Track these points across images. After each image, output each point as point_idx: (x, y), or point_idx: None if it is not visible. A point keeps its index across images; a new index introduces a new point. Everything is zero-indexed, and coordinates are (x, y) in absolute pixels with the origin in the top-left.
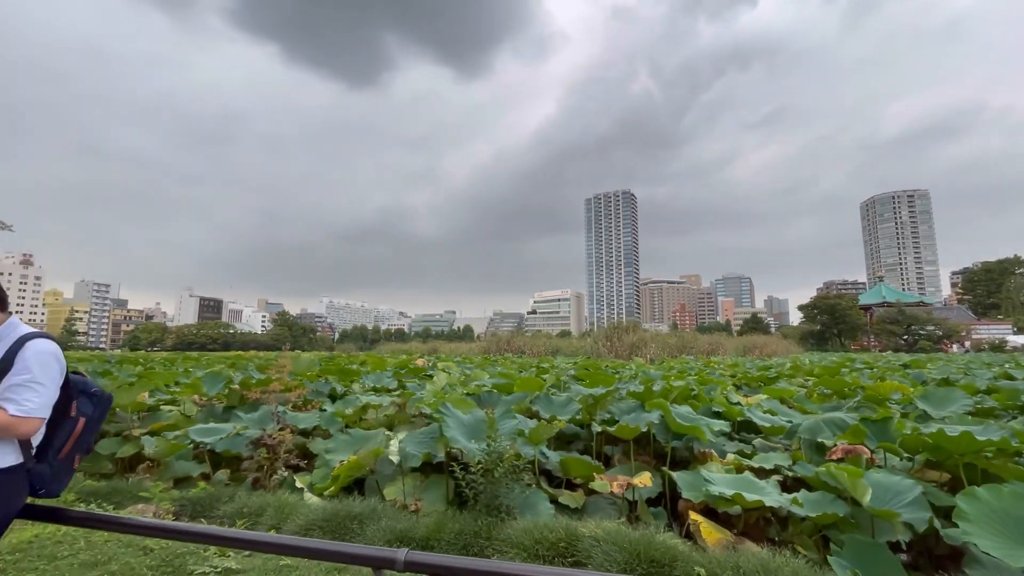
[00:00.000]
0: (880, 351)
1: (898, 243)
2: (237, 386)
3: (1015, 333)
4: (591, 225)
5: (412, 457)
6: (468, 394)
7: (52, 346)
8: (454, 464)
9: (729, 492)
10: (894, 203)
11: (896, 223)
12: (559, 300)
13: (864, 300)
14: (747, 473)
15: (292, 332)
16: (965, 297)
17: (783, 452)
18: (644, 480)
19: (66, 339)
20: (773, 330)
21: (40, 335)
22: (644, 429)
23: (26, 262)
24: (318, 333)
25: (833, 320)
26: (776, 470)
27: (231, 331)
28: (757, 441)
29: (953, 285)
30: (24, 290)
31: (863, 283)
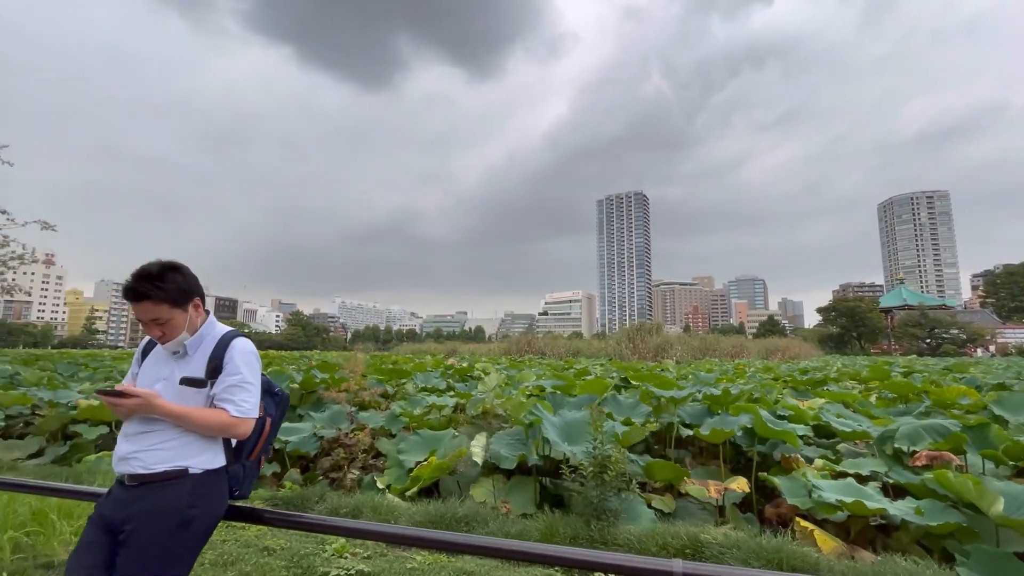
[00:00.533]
0: (902, 355)
1: (917, 245)
2: (297, 385)
3: None
4: (603, 226)
5: (505, 459)
6: (529, 395)
7: (252, 345)
8: (546, 466)
9: (848, 499)
10: (913, 204)
11: (915, 224)
12: (571, 301)
13: (884, 303)
14: (851, 479)
15: (306, 332)
16: (988, 300)
17: (872, 458)
18: (740, 485)
19: (86, 338)
20: (788, 333)
21: (239, 334)
22: (738, 433)
23: (48, 262)
24: (331, 333)
25: (853, 323)
26: (873, 476)
27: (246, 330)
28: (843, 446)
29: (974, 288)
30: (46, 289)
31: (880, 285)
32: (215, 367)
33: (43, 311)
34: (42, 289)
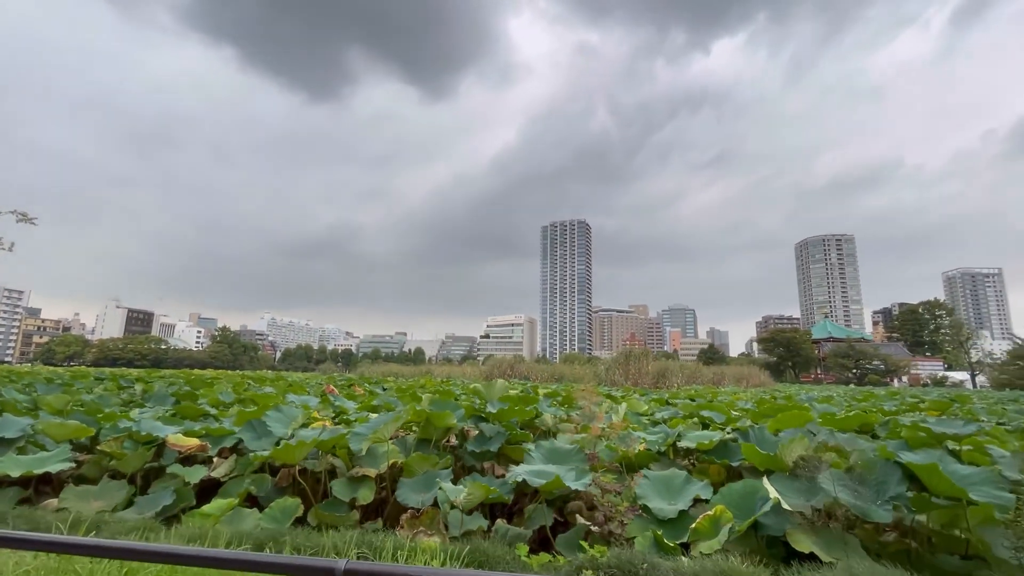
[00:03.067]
0: (831, 383)
1: (828, 282)
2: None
3: (946, 369)
4: (546, 252)
5: (872, 511)
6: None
7: None
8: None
9: None
10: (825, 245)
11: (826, 264)
12: (512, 325)
13: (816, 335)
14: None
15: (232, 349)
16: (893, 335)
17: None
18: None
19: None
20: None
21: None
22: None
23: None
24: (259, 352)
25: (789, 353)
26: None
27: (163, 347)
28: None
29: (875, 324)
30: None
31: (798, 318)
32: None
33: None
34: None
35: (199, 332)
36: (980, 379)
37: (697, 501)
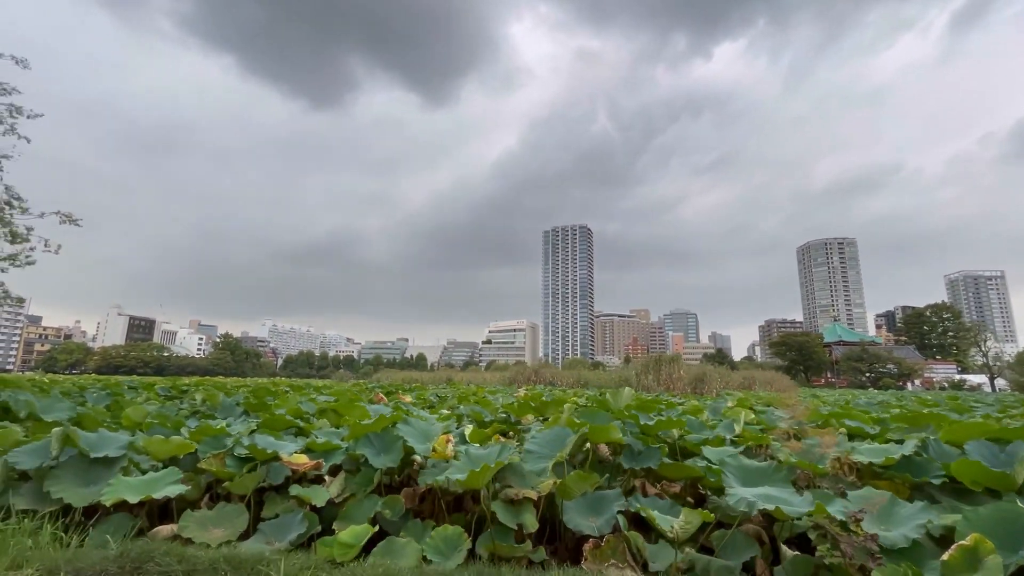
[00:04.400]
0: (844, 387)
1: (830, 286)
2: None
3: (959, 372)
4: (548, 257)
5: None
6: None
7: None
8: None
9: None
10: (827, 249)
11: (829, 267)
12: (515, 331)
13: (827, 339)
14: None
15: (234, 356)
16: (900, 338)
17: None
18: None
19: None
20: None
21: None
22: None
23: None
24: (261, 359)
25: (801, 357)
26: None
27: (166, 354)
28: None
29: (878, 327)
30: None
31: (800, 322)
32: None
33: None
34: None
35: (200, 339)
36: (999, 382)
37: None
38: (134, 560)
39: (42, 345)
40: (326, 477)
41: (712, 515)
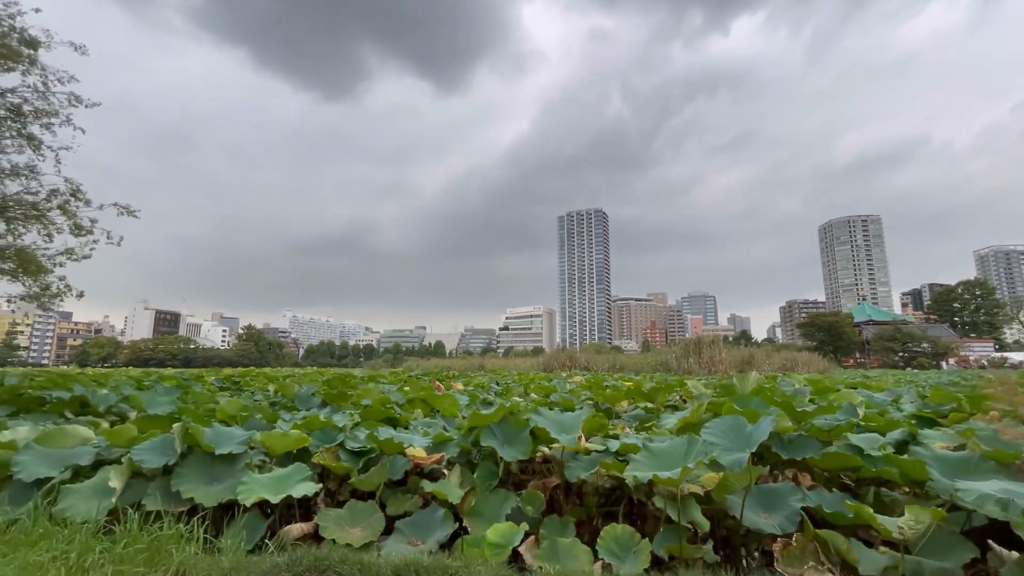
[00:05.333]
0: (877, 367)
1: (854, 264)
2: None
3: (996, 350)
4: (563, 242)
5: None
6: None
7: None
8: None
9: None
10: (850, 227)
11: (852, 246)
12: (531, 316)
13: (856, 318)
14: None
15: (258, 347)
16: (931, 317)
17: None
18: None
19: (5, 354)
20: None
21: None
22: None
23: None
24: (284, 349)
25: (831, 337)
26: None
27: (192, 346)
28: None
29: (904, 306)
30: None
31: (823, 302)
32: None
33: None
34: None
35: (224, 331)
36: None
37: None
38: (308, 568)
39: (74, 340)
40: (444, 471)
41: (943, 513)
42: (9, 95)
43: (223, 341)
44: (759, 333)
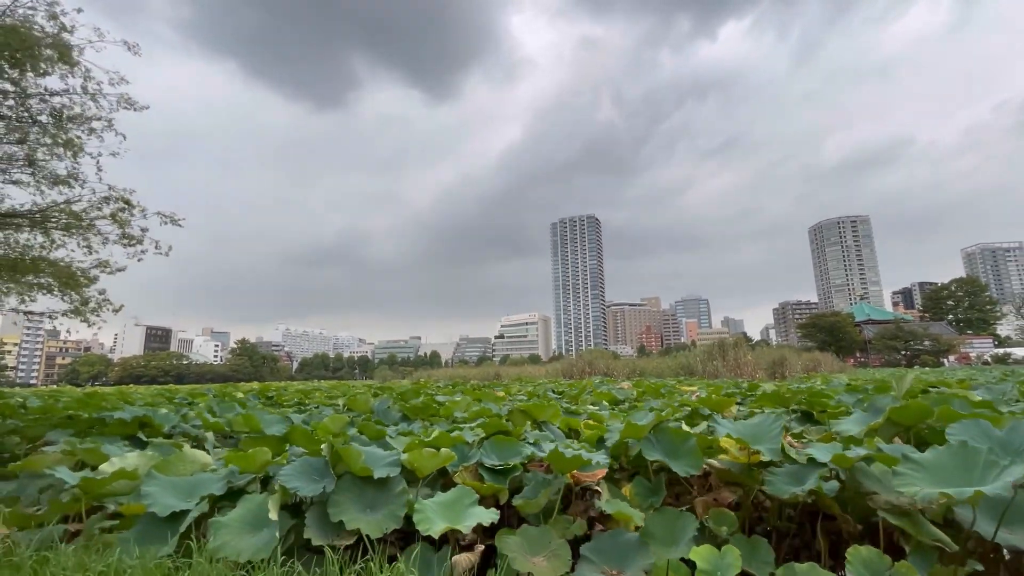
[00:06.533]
0: (879, 366)
1: (845, 265)
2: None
3: (996, 346)
4: (557, 249)
5: None
6: None
7: None
8: None
9: None
10: (840, 228)
11: (842, 246)
12: (527, 324)
13: (856, 318)
14: None
15: (252, 361)
16: (924, 315)
17: None
18: None
19: None
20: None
21: None
22: None
23: None
24: (278, 363)
25: (833, 337)
26: None
27: (185, 362)
28: None
29: (895, 304)
30: None
31: (816, 303)
32: None
33: None
34: None
35: (216, 346)
36: None
37: None
38: None
39: (63, 359)
40: (596, 488)
41: None
42: (55, 97)
43: (216, 356)
44: (752, 335)
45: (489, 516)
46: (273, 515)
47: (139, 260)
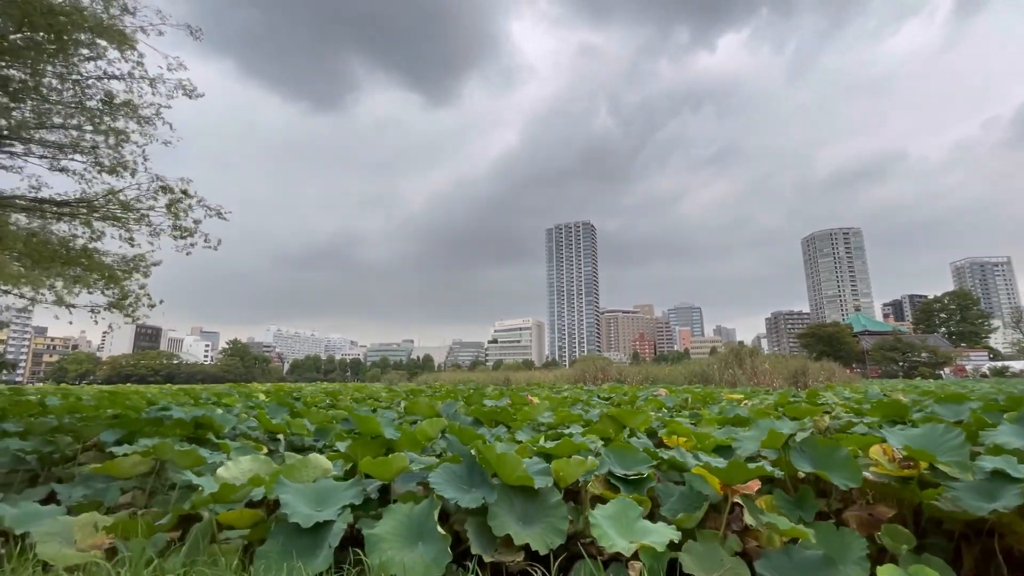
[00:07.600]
0: (876, 377)
1: (837, 276)
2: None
3: (991, 359)
4: (552, 255)
5: None
6: None
7: None
8: None
9: None
10: (832, 239)
11: (834, 258)
12: (520, 329)
13: (856, 329)
14: None
15: (244, 362)
16: (918, 327)
17: None
18: None
19: None
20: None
21: None
22: None
23: None
24: (270, 364)
25: (831, 348)
26: None
27: (175, 361)
28: None
29: (885, 316)
30: None
31: (808, 313)
32: None
33: None
34: None
35: (207, 346)
36: None
37: None
38: None
39: (50, 356)
40: (738, 502)
41: None
42: (113, 81)
43: (206, 356)
44: (744, 343)
45: (671, 533)
46: (440, 528)
47: (188, 254)
